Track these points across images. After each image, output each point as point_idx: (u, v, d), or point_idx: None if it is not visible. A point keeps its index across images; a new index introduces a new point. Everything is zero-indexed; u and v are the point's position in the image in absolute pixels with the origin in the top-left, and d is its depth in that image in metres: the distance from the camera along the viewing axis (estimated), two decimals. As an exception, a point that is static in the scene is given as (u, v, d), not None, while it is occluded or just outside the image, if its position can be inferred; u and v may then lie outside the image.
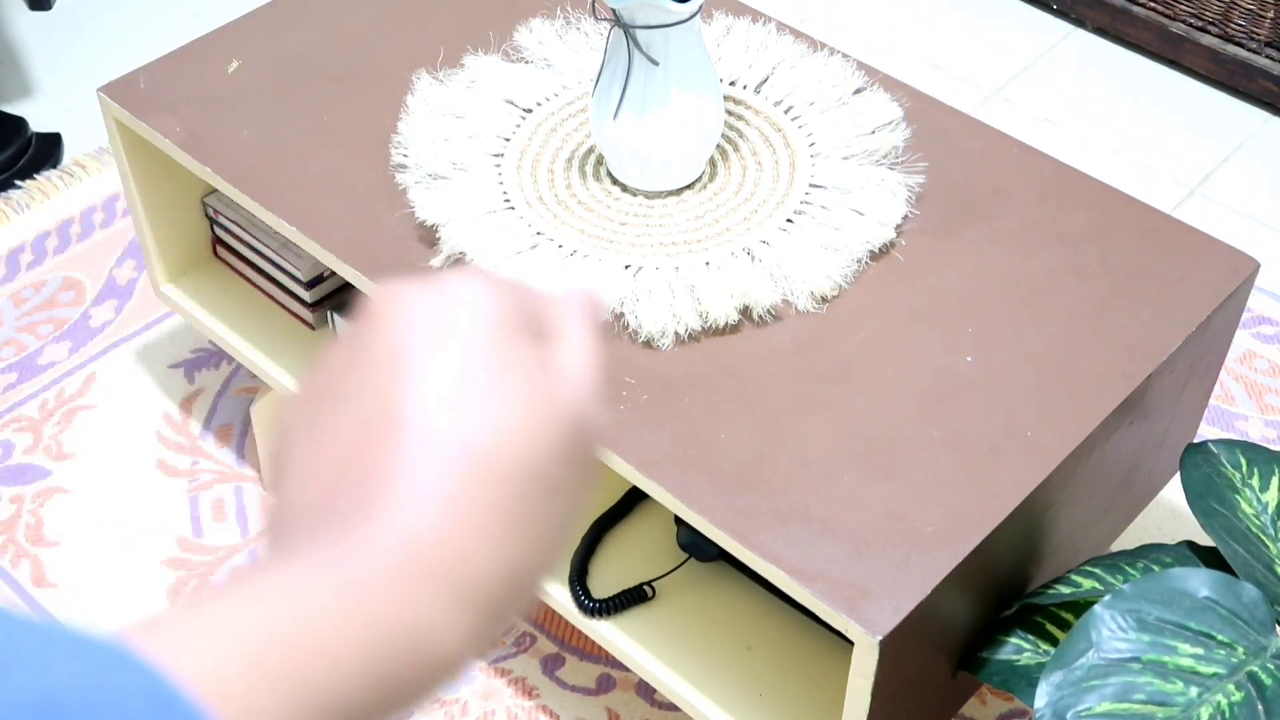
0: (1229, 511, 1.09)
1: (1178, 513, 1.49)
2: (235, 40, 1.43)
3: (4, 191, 1.87)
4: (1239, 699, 0.96)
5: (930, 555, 1.00)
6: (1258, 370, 1.65)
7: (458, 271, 0.43)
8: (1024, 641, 1.10)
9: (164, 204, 1.46)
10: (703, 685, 1.17)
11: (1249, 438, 1.57)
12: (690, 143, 1.20)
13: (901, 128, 1.29)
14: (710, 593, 1.23)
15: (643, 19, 1.13)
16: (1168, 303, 1.18)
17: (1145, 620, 1.00)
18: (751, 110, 1.32)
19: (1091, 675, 0.98)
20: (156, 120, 1.35)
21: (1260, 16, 1.94)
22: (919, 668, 1.06)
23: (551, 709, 1.35)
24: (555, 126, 1.31)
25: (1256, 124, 1.99)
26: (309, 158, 1.31)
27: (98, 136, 1.95)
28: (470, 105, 1.31)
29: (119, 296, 1.76)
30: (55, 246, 1.81)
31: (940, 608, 1.01)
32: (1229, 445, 1.15)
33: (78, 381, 1.67)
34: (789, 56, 1.36)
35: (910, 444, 1.07)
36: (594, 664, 1.39)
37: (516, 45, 1.40)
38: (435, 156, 1.26)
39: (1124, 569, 1.10)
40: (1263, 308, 1.72)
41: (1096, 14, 2.10)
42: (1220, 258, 1.22)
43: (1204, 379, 1.27)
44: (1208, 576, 1.01)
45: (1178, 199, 1.87)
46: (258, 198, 1.27)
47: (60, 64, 2.09)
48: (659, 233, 1.21)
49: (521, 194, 1.24)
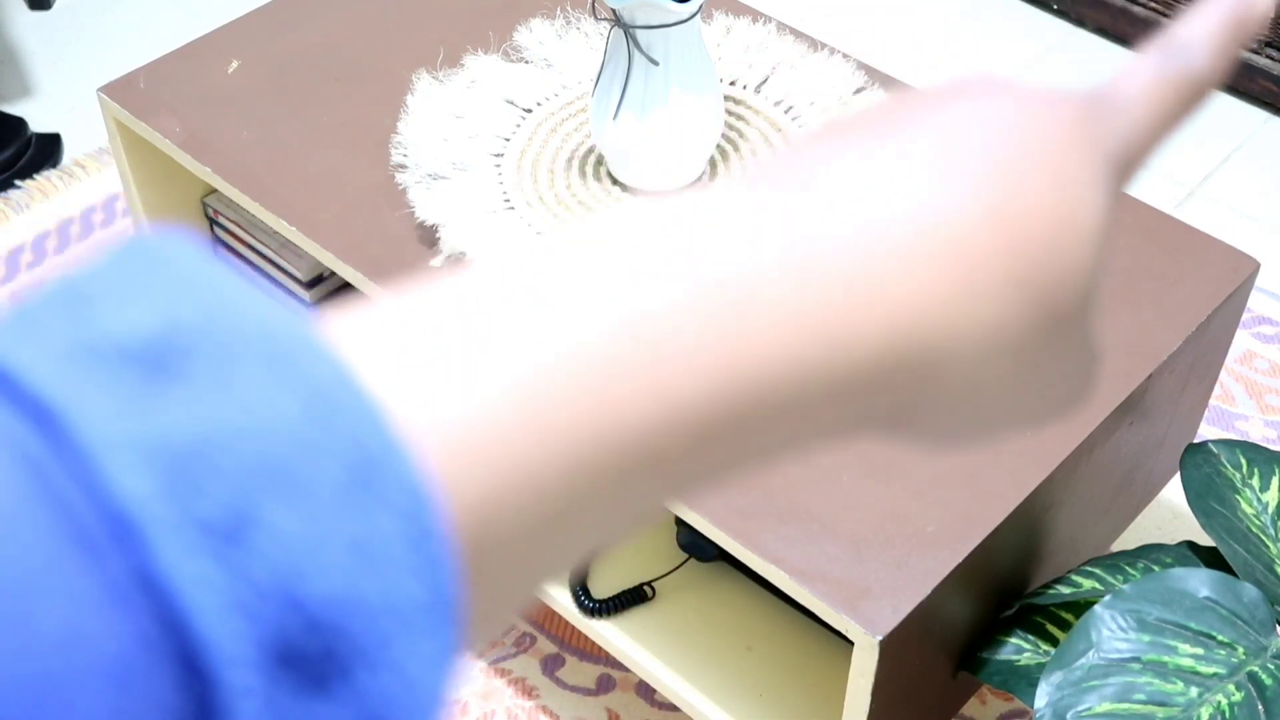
0: (1229, 511, 1.09)
1: (1178, 513, 1.49)
2: (235, 40, 1.43)
3: (4, 191, 1.87)
4: (1239, 699, 0.96)
5: (930, 555, 1.00)
6: (1258, 370, 1.65)
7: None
8: (1024, 641, 1.10)
9: (164, 204, 1.46)
10: (703, 685, 1.17)
11: (1249, 438, 1.57)
12: (690, 143, 1.20)
13: (901, 128, 1.29)
14: (710, 593, 1.23)
15: (643, 19, 1.13)
16: (1168, 303, 1.18)
17: (1145, 620, 1.00)
18: (751, 110, 1.32)
19: (1091, 675, 0.98)
20: (156, 120, 1.34)
21: (1260, 16, 1.94)
22: (919, 668, 1.06)
23: (551, 709, 1.35)
24: (555, 126, 1.31)
25: (1256, 124, 1.99)
26: (309, 158, 1.31)
27: (98, 136, 1.95)
28: (470, 105, 1.31)
29: (119, 296, 1.76)
30: (55, 246, 1.81)
31: (940, 608, 1.01)
32: (1229, 445, 1.15)
33: (78, 381, 1.67)
34: (789, 56, 1.36)
35: (910, 444, 1.07)
36: (594, 664, 1.39)
37: (516, 45, 1.40)
38: (435, 156, 1.26)
39: (1124, 569, 1.10)
40: (1263, 308, 1.72)
41: (1096, 14, 2.10)
42: (1220, 258, 1.22)
43: (1204, 379, 1.27)
44: (1208, 576, 1.01)
45: (1178, 199, 1.87)
46: (258, 198, 1.27)
47: (60, 64, 2.09)
48: (659, 233, 1.21)
49: (521, 194, 1.24)
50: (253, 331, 0.22)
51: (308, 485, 0.21)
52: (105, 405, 0.21)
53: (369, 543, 0.22)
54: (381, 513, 0.22)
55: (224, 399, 0.21)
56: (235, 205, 1.46)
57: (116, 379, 0.21)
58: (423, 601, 0.22)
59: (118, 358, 0.21)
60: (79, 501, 0.20)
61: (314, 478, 0.21)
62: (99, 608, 0.20)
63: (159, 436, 0.21)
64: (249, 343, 0.22)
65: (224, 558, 0.20)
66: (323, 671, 0.21)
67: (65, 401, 0.21)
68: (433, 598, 0.22)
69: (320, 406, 0.22)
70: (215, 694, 0.20)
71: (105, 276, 0.23)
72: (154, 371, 0.21)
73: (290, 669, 0.21)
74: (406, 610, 0.22)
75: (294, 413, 0.22)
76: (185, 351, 0.22)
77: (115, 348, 0.22)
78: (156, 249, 0.23)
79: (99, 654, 0.20)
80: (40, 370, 0.21)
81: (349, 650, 0.21)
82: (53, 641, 0.19)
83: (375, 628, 0.22)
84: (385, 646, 0.22)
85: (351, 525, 0.22)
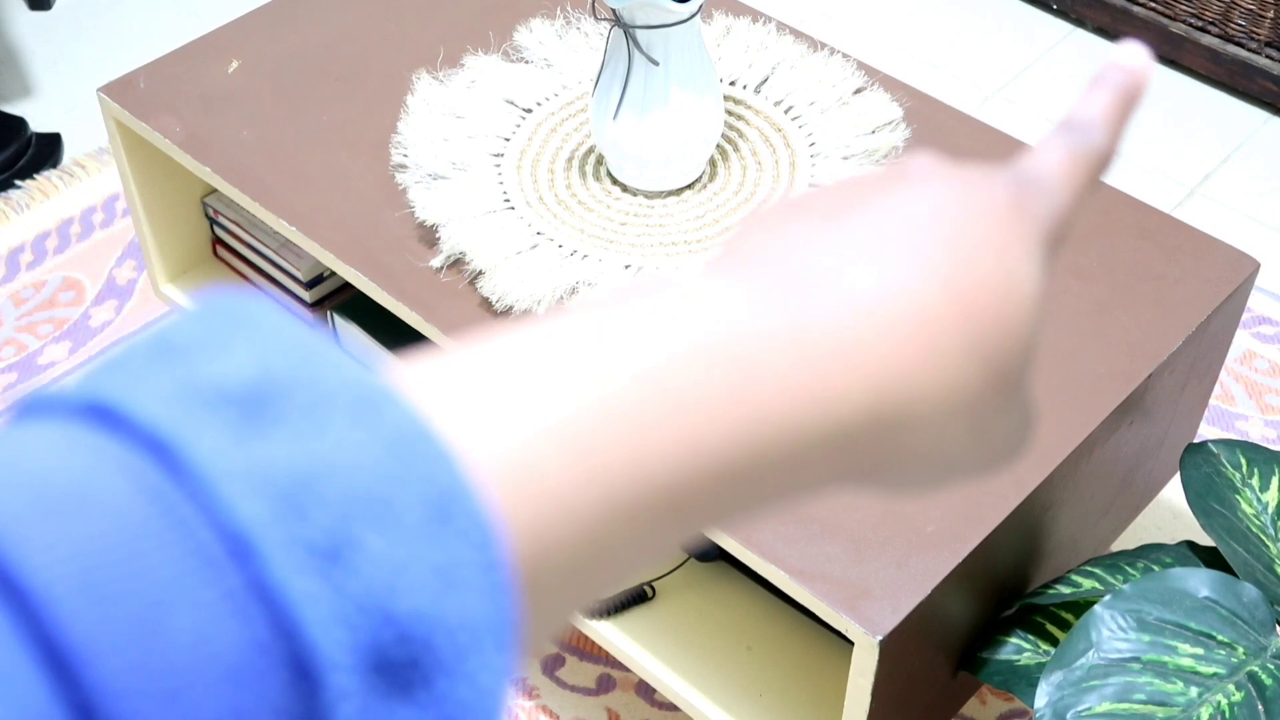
0: (1229, 511, 1.09)
1: (1178, 513, 1.48)
2: (235, 40, 1.43)
3: (4, 191, 1.87)
4: (1239, 699, 0.96)
5: (930, 555, 1.00)
6: (1258, 370, 1.65)
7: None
8: (1024, 641, 1.10)
9: (164, 204, 1.46)
10: (703, 685, 1.17)
11: (1249, 438, 1.57)
12: (690, 143, 1.20)
13: (901, 128, 1.29)
14: (710, 593, 1.23)
15: (643, 19, 1.13)
16: (1168, 303, 1.18)
17: (1145, 620, 1.00)
18: (751, 110, 1.32)
19: (1091, 675, 0.98)
20: (156, 120, 1.35)
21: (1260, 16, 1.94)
22: (919, 668, 1.06)
23: (551, 709, 1.35)
24: (555, 126, 1.31)
25: (1256, 124, 1.99)
26: (309, 158, 1.31)
27: (98, 136, 1.95)
28: (470, 105, 1.31)
29: (119, 296, 1.76)
30: (55, 246, 1.81)
31: (940, 608, 1.01)
32: (1229, 445, 1.15)
33: (78, 381, 1.67)
34: (789, 56, 1.36)
35: (910, 444, 1.07)
36: (594, 664, 1.39)
37: (516, 45, 1.40)
38: (435, 156, 1.26)
39: (1124, 569, 1.10)
40: (1263, 308, 1.72)
41: (1096, 14, 2.10)
42: (1220, 258, 1.22)
43: (1204, 379, 1.27)
44: (1208, 576, 1.01)
45: (1178, 199, 1.87)
46: (258, 198, 1.27)
47: (60, 64, 2.09)
48: (659, 233, 1.21)
49: (521, 194, 1.24)
50: (336, 381, 0.26)
51: (396, 516, 0.25)
52: (217, 440, 0.24)
53: (448, 568, 0.25)
54: (457, 542, 0.25)
55: (319, 439, 0.25)
56: (235, 205, 1.46)
57: (222, 419, 0.24)
58: (491, 621, 0.25)
59: (221, 400, 0.25)
60: (199, 524, 0.23)
61: (400, 509, 0.25)
62: (221, 616, 0.23)
63: (266, 468, 0.24)
64: (334, 391, 0.26)
65: (327, 575, 0.24)
66: (408, 679, 0.24)
67: (181, 437, 0.24)
68: (498, 618, 0.25)
69: (402, 448, 0.25)
70: (319, 694, 0.23)
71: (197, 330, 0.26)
72: (254, 413, 0.25)
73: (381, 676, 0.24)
74: (478, 628, 0.25)
75: (380, 452, 0.25)
76: (279, 397, 0.25)
77: (218, 392, 0.25)
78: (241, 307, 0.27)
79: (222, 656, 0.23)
80: (153, 410, 0.24)
81: (431, 661, 0.25)
82: (184, 644, 0.22)
83: (454, 642, 0.25)
84: (462, 659, 0.25)
85: (433, 552, 0.25)
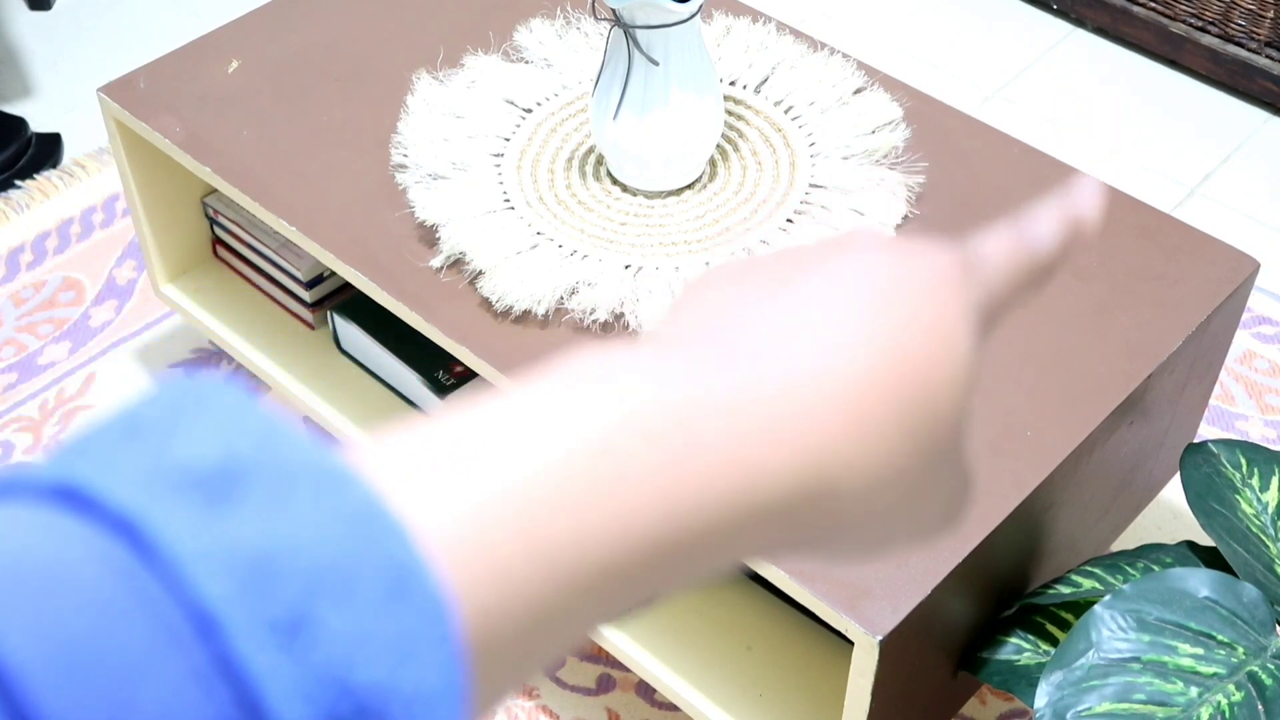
0: (1229, 511, 1.09)
1: (1178, 513, 1.49)
2: (235, 40, 1.43)
3: (4, 191, 1.87)
4: (1239, 699, 0.96)
5: (930, 555, 1.00)
6: (1258, 370, 1.65)
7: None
8: (1024, 641, 1.10)
9: (164, 204, 1.46)
10: (703, 685, 1.17)
11: (1249, 438, 1.57)
12: (690, 143, 1.20)
13: (901, 128, 1.29)
14: (710, 593, 1.23)
15: (643, 19, 1.13)
16: (1168, 303, 1.18)
17: (1145, 620, 1.00)
18: (751, 110, 1.32)
19: (1091, 675, 0.98)
20: (156, 120, 1.35)
21: (1260, 16, 1.94)
22: (919, 668, 1.06)
23: (551, 709, 1.35)
24: (555, 126, 1.31)
25: (1256, 124, 1.99)
26: (309, 158, 1.31)
27: (98, 136, 1.95)
28: (470, 105, 1.31)
29: (119, 296, 1.76)
30: (55, 246, 1.81)
31: (940, 608, 1.01)
32: (1229, 445, 1.15)
33: (78, 382, 1.67)
34: (789, 56, 1.36)
35: (910, 444, 1.07)
36: (594, 664, 1.39)
37: (516, 45, 1.40)
38: (435, 156, 1.26)
39: (1124, 569, 1.10)
40: (1263, 308, 1.72)
41: (1096, 14, 2.10)
42: (1220, 258, 1.22)
43: (1204, 379, 1.27)
44: (1208, 576, 1.01)
45: (1178, 199, 1.87)
46: (258, 198, 1.27)
47: (60, 64, 2.09)
48: (659, 233, 1.21)
49: (521, 194, 1.24)
50: (297, 461, 0.27)
51: (355, 591, 0.26)
52: (183, 522, 0.25)
53: (403, 641, 0.26)
54: (413, 617, 0.26)
55: (281, 518, 0.26)
56: (235, 205, 1.46)
57: (188, 500, 0.26)
58: (443, 691, 0.26)
59: (187, 482, 0.26)
60: (167, 603, 0.24)
61: (359, 585, 0.26)
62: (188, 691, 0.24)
63: (231, 548, 0.25)
64: (296, 471, 0.27)
65: (288, 650, 0.25)
66: None
67: (150, 520, 0.25)
68: (450, 689, 0.27)
69: (360, 525, 0.26)
70: None
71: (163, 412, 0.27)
72: (219, 494, 0.26)
73: None
74: (432, 698, 0.26)
75: (340, 530, 0.26)
76: (243, 477, 0.26)
77: (184, 474, 0.26)
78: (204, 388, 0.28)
79: None
80: (123, 493, 0.26)
81: None
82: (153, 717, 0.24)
83: (409, 712, 0.26)
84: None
85: (389, 626, 0.26)
